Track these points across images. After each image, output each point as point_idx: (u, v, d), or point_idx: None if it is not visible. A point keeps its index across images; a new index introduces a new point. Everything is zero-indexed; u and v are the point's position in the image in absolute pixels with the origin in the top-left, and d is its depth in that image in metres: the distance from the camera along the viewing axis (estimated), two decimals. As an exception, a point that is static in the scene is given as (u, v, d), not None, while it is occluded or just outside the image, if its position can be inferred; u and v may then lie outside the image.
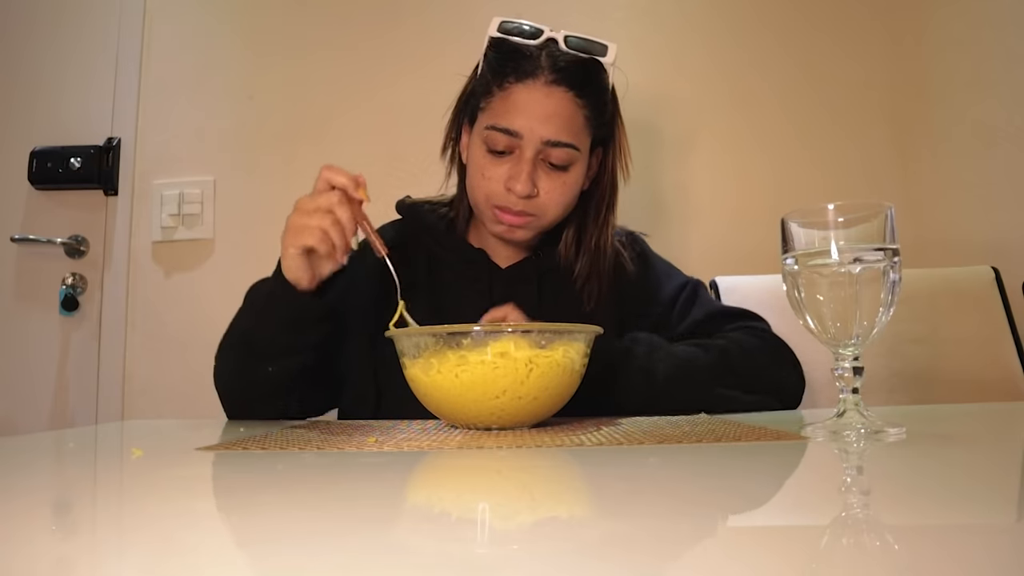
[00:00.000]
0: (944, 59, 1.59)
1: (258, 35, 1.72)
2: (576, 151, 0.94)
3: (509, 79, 0.93)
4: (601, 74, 0.95)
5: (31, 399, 1.66)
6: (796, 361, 0.95)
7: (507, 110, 0.92)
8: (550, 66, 0.92)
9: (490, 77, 0.95)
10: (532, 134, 0.91)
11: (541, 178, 0.94)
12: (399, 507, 0.43)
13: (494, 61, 0.95)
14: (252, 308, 0.93)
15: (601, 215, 1.02)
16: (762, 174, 1.61)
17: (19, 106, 1.74)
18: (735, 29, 1.64)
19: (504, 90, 0.93)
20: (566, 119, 0.92)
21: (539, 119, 0.91)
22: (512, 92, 0.92)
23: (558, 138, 0.92)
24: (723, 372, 0.88)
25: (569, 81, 0.92)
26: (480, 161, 0.95)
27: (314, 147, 1.67)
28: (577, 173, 0.96)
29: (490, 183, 0.94)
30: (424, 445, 0.63)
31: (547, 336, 0.71)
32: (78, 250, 1.68)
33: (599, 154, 1.02)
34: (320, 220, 0.82)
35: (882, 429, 0.60)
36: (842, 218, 0.63)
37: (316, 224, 0.82)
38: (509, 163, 0.93)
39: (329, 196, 0.83)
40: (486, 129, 0.94)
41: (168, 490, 0.48)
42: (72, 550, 0.33)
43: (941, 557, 0.30)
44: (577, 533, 0.35)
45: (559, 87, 0.92)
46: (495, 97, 0.94)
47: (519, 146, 0.92)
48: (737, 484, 0.46)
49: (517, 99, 0.92)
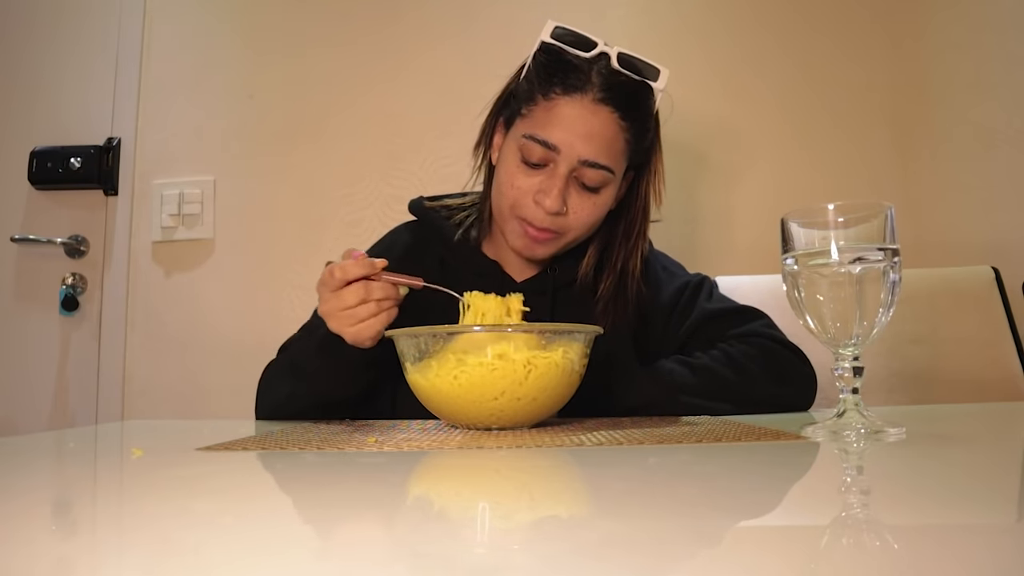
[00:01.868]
0: (944, 61, 1.59)
1: (258, 34, 1.72)
2: (611, 175, 0.91)
3: (556, 90, 0.90)
4: (649, 99, 0.93)
5: (31, 399, 1.66)
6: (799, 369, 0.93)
7: (548, 121, 0.90)
8: (600, 84, 0.89)
9: (536, 84, 0.92)
10: (571, 151, 0.89)
11: (571, 196, 0.91)
12: (399, 507, 0.43)
13: (542, 68, 0.92)
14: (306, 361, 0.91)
15: (631, 240, 0.99)
16: (762, 175, 1.60)
17: (19, 106, 1.73)
18: (734, 30, 1.64)
19: (549, 100, 0.90)
20: (607, 141, 0.90)
21: (580, 137, 0.89)
22: (557, 104, 0.90)
23: (596, 159, 0.89)
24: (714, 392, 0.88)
25: (616, 102, 0.89)
26: (512, 169, 0.93)
27: (314, 146, 1.67)
28: (608, 195, 0.94)
29: (519, 193, 0.92)
30: (424, 445, 0.63)
31: (547, 336, 0.71)
32: (78, 250, 1.68)
33: (630, 176, 0.99)
34: (368, 310, 0.80)
35: (882, 429, 0.60)
36: (842, 218, 0.63)
37: (368, 313, 0.80)
38: (542, 176, 0.91)
39: (356, 291, 0.80)
40: (523, 137, 0.91)
41: (168, 490, 0.48)
42: (72, 550, 0.33)
43: (941, 557, 0.30)
44: (577, 533, 0.35)
45: (605, 107, 0.89)
46: (538, 106, 0.91)
47: (554, 160, 0.90)
48: (737, 484, 0.46)
49: (561, 112, 0.89)
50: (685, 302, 1.02)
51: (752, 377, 0.90)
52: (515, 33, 1.28)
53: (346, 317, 0.80)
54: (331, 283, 0.81)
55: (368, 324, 0.80)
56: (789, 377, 0.93)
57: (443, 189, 1.13)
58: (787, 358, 0.94)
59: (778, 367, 0.92)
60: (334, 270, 0.80)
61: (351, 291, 0.80)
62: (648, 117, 0.94)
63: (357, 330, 0.81)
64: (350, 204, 1.65)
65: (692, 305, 1.01)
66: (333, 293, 0.81)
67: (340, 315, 0.81)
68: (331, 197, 1.65)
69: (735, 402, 0.88)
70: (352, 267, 0.80)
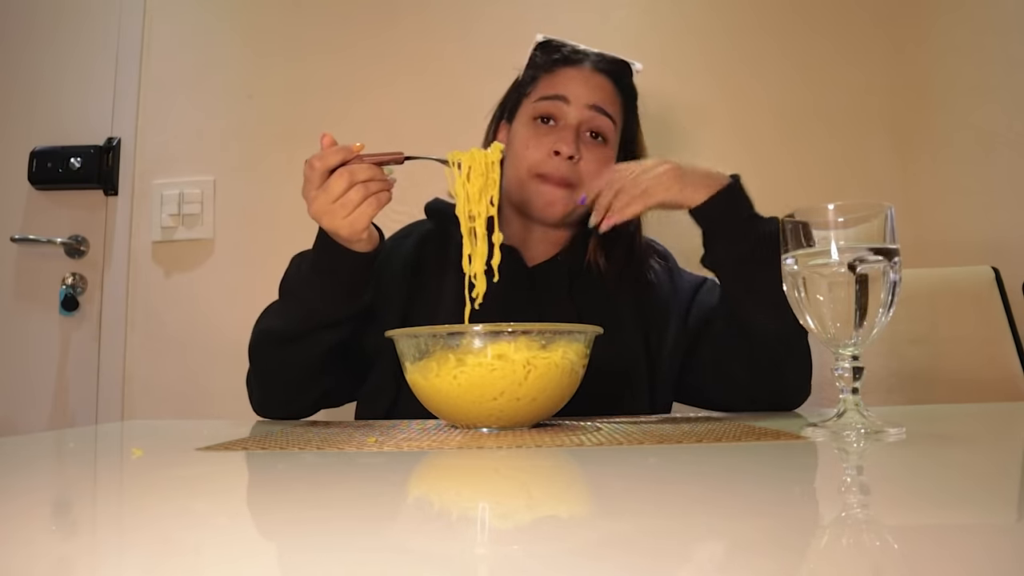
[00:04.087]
0: (946, 65, 1.59)
1: (258, 34, 1.72)
2: (613, 125, 1.01)
3: (558, 64, 1.01)
4: (631, 78, 1.05)
5: (31, 399, 1.66)
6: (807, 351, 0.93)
7: (555, 82, 1.00)
8: (594, 59, 1.02)
9: (539, 67, 1.03)
10: (579, 100, 0.99)
11: (583, 147, 0.99)
12: (399, 507, 0.43)
13: (543, 55, 1.03)
14: (299, 285, 0.90)
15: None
16: (762, 176, 1.59)
17: (19, 106, 1.73)
18: (736, 32, 1.64)
19: (552, 72, 1.01)
20: (608, 93, 1.01)
21: (585, 88, 0.99)
22: (561, 71, 1.01)
23: (602, 104, 0.99)
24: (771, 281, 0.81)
25: (610, 73, 1.02)
26: (526, 134, 1.01)
27: (314, 146, 1.64)
28: (611, 152, 1.02)
29: (535, 151, 0.98)
30: (424, 445, 0.63)
31: (547, 336, 0.71)
32: (78, 250, 1.68)
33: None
34: (358, 194, 0.80)
35: (882, 429, 0.60)
36: (842, 218, 0.63)
37: (359, 197, 0.80)
38: (555, 132, 0.99)
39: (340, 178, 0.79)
40: (534, 103, 1.01)
41: (168, 490, 0.48)
42: (72, 550, 0.33)
43: (941, 557, 0.30)
44: (576, 533, 0.35)
45: (602, 74, 1.01)
46: (542, 80, 1.02)
47: (565, 114, 0.99)
48: (737, 484, 0.46)
49: (566, 73, 1.01)
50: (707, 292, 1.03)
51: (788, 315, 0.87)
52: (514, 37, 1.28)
53: (338, 208, 0.80)
54: (314, 178, 0.80)
55: (361, 211, 0.80)
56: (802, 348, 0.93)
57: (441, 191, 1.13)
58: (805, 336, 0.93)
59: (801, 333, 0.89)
60: (313, 162, 0.80)
61: (335, 180, 0.79)
62: (632, 94, 1.06)
63: (352, 219, 0.80)
64: (350, 204, 1.65)
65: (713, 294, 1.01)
66: (320, 189, 0.80)
67: (332, 208, 0.80)
68: (331, 197, 1.65)
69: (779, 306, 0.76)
70: (330, 155, 0.80)
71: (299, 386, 0.95)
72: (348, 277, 0.87)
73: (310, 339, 0.91)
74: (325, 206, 0.80)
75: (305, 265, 0.89)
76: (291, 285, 0.92)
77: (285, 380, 0.95)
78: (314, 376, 0.95)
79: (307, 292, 0.89)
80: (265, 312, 0.97)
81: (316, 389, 0.96)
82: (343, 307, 0.89)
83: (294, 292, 0.91)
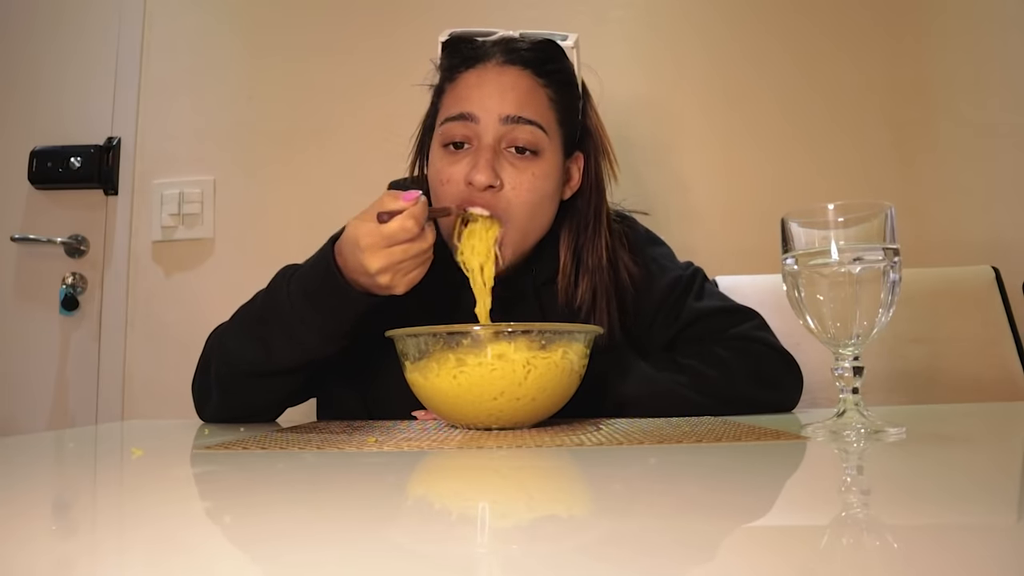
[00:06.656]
0: (945, 62, 1.60)
1: (257, 35, 1.72)
2: (543, 132, 0.85)
3: (459, 69, 0.87)
4: (560, 56, 0.88)
5: (31, 399, 1.66)
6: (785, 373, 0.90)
7: (458, 97, 0.85)
8: (500, 51, 0.86)
9: (441, 77, 0.90)
10: (488, 114, 0.83)
11: (506, 168, 0.84)
12: (399, 507, 0.43)
13: (443, 62, 0.90)
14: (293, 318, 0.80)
15: (590, 226, 0.92)
16: (762, 175, 1.60)
17: (19, 106, 1.73)
18: (735, 30, 1.64)
19: (455, 82, 0.87)
20: (525, 93, 0.84)
21: (494, 96, 0.83)
22: (462, 79, 0.86)
23: (519, 112, 0.83)
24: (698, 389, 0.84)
25: (523, 61, 0.86)
26: (438, 165, 0.86)
27: (314, 146, 1.67)
28: (548, 164, 0.86)
29: (449, 185, 0.84)
30: (424, 445, 0.63)
31: (547, 336, 0.71)
32: (78, 250, 1.68)
33: (580, 161, 0.93)
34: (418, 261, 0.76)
35: (882, 429, 0.60)
36: (842, 218, 0.63)
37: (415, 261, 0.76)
38: (468, 155, 0.84)
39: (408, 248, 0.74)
40: (440, 125, 0.86)
41: (168, 490, 0.48)
42: (72, 550, 0.33)
43: (941, 557, 0.30)
44: (576, 533, 0.35)
45: (513, 66, 0.85)
46: (446, 93, 0.87)
47: (476, 134, 0.84)
48: (737, 484, 0.46)
49: (468, 83, 0.85)
50: (674, 301, 0.95)
51: (735, 379, 0.86)
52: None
53: (403, 268, 0.75)
54: (401, 236, 0.73)
55: (420, 271, 0.77)
56: (774, 381, 0.90)
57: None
58: (774, 363, 0.90)
59: (763, 371, 0.89)
60: (406, 226, 0.73)
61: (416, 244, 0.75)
62: (567, 75, 0.89)
63: (411, 279, 0.76)
64: (350, 204, 1.64)
65: (682, 304, 0.95)
66: (400, 248, 0.74)
67: (398, 267, 0.74)
68: (331, 197, 1.65)
69: (718, 399, 0.84)
70: (412, 223, 0.73)
71: (270, 410, 0.90)
72: (354, 318, 0.80)
73: (297, 374, 0.84)
74: (392, 266, 0.74)
75: (299, 295, 0.79)
76: (280, 314, 0.81)
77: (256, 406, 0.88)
78: (291, 398, 0.90)
79: (301, 330, 0.79)
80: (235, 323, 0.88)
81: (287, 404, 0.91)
82: (340, 344, 0.82)
83: (285, 324, 0.80)
